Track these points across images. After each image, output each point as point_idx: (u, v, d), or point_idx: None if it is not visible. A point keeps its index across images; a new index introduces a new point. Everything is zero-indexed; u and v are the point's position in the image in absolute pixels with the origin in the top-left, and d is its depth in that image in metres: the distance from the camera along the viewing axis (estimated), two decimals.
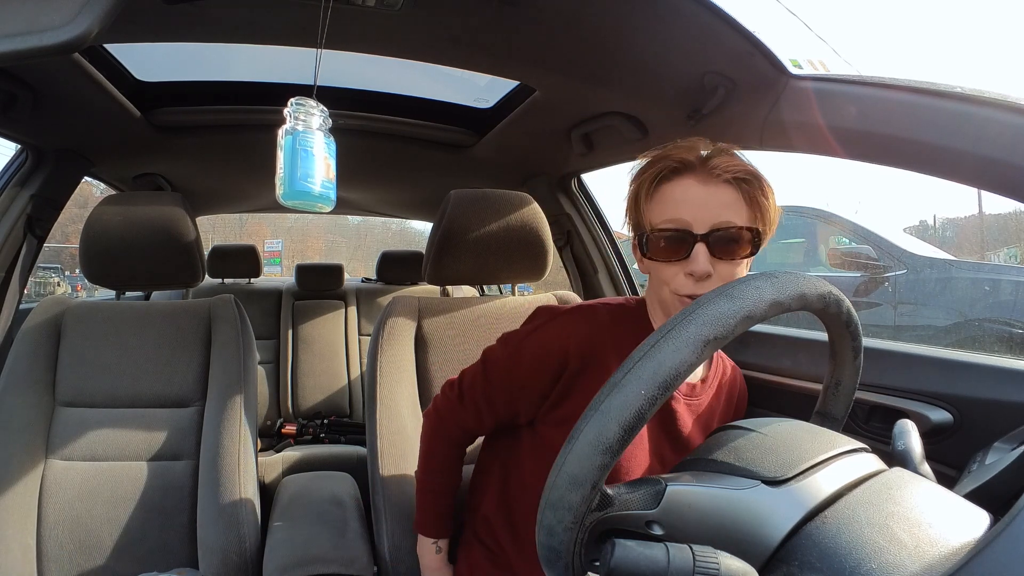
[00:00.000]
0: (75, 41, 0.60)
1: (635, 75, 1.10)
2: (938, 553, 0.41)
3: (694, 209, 0.81)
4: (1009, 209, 9.14)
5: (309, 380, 2.77)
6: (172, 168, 1.97)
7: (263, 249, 4.36)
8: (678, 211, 0.82)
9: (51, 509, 1.16)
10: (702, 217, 0.81)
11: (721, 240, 0.81)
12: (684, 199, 0.82)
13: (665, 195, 0.84)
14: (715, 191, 0.81)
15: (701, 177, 0.82)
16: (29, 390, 1.22)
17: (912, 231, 9.21)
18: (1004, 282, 3.62)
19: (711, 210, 0.81)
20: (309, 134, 0.83)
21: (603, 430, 0.43)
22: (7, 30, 0.59)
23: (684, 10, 0.86)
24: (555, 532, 0.45)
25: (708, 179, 0.81)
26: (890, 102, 0.79)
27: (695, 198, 0.82)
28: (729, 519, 0.46)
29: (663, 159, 0.84)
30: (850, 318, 0.59)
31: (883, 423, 1.05)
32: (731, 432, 0.56)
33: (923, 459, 0.56)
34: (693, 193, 0.82)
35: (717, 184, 0.81)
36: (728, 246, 0.82)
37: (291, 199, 0.83)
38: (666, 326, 0.46)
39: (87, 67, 1.15)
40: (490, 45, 1.07)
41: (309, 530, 1.16)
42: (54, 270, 11.63)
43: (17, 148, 1.51)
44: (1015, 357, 0.93)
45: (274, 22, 1.04)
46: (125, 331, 1.29)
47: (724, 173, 0.81)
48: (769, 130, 1.00)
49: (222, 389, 1.25)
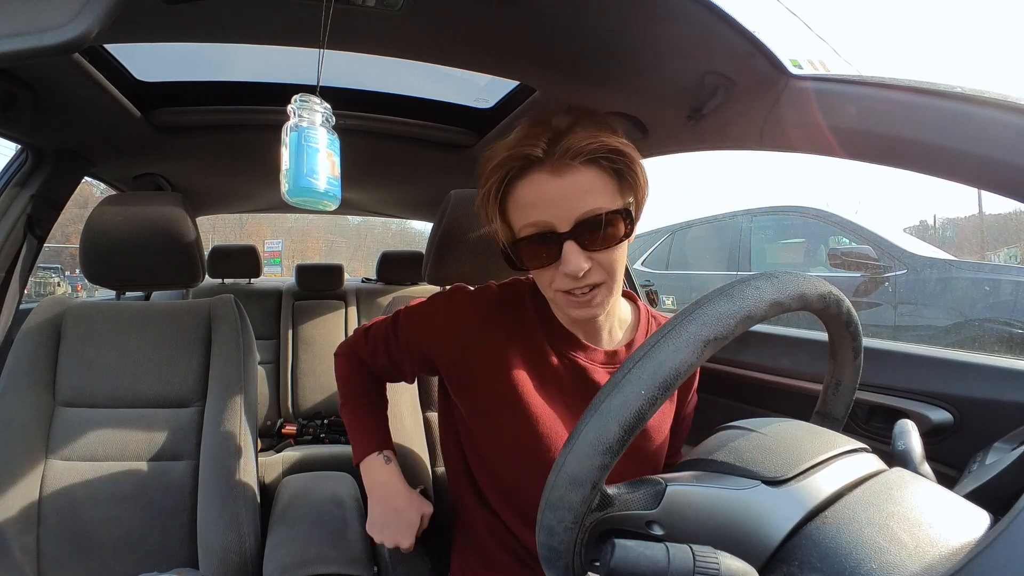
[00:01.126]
0: (75, 41, 0.60)
1: (635, 75, 1.10)
2: (938, 553, 0.41)
3: (552, 207, 0.74)
4: (1009, 209, 9.17)
5: (309, 380, 2.77)
6: (172, 168, 1.97)
7: (263, 249, 4.36)
8: (537, 213, 0.75)
9: (51, 509, 1.16)
10: (564, 213, 0.74)
11: (591, 231, 0.74)
12: (538, 199, 0.75)
13: (518, 197, 0.77)
14: (571, 180, 0.73)
15: (552, 168, 0.74)
16: (29, 390, 1.22)
17: (912, 231, 9.22)
18: (1004, 282, 3.62)
19: (570, 203, 0.73)
20: (314, 130, 0.83)
21: (603, 430, 0.43)
22: (7, 30, 0.59)
23: (684, 10, 0.86)
24: (555, 532, 0.45)
25: (561, 168, 0.73)
26: (890, 102, 0.79)
27: (551, 194, 0.74)
28: (729, 519, 0.46)
29: (505, 161, 0.76)
30: (850, 318, 0.59)
31: (883, 423, 1.05)
32: (731, 432, 0.56)
33: (923, 459, 0.56)
34: (547, 189, 0.74)
35: (572, 170, 0.73)
36: (599, 235, 0.75)
37: (296, 196, 0.82)
38: (667, 326, 0.46)
39: (87, 67, 1.15)
40: (490, 45, 1.07)
41: (309, 530, 1.16)
42: (54, 270, 11.63)
43: (17, 148, 1.51)
44: (1015, 357, 0.94)
45: (274, 22, 1.04)
46: (125, 331, 1.29)
47: (577, 156, 0.72)
48: (769, 130, 1.00)
49: (222, 389, 1.25)
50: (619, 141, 0.75)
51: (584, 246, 0.75)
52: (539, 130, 0.75)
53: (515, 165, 0.76)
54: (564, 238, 0.75)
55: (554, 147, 0.73)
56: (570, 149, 0.72)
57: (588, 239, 0.74)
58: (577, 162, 0.73)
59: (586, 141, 0.72)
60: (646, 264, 6.10)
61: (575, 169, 0.73)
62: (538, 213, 0.75)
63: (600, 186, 0.74)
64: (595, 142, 0.73)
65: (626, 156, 0.75)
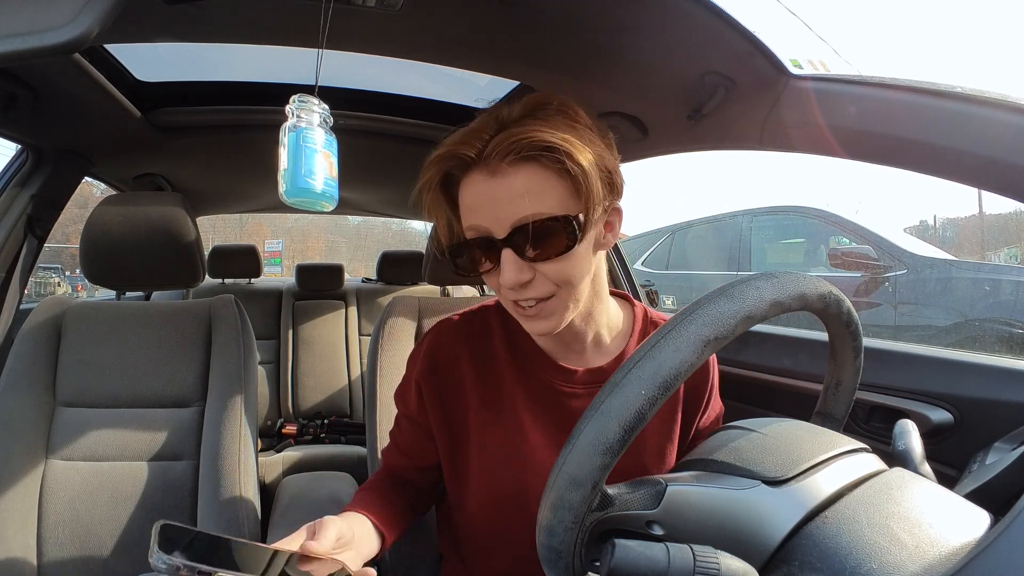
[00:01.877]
0: (75, 41, 0.60)
1: (635, 75, 1.10)
2: (939, 553, 0.41)
3: (487, 211, 0.67)
4: (1009, 209, 9.17)
5: (309, 380, 2.77)
6: (172, 168, 1.97)
7: (263, 249, 4.36)
8: (475, 216, 0.69)
9: (51, 509, 1.16)
10: (499, 217, 0.66)
11: (527, 239, 0.66)
12: (475, 202, 0.68)
13: (461, 200, 0.71)
14: (505, 181, 0.65)
15: (488, 168, 0.66)
16: (29, 390, 1.22)
17: (912, 231, 9.22)
18: (1004, 282, 3.62)
19: (505, 206, 0.66)
20: (311, 131, 0.83)
21: (603, 430, 0.43)
22: (7, 30, 0.59)
23: (684, 10, 0.86)
24: (555, 532, 0.45)
25: (494, 169, 0.65)
26: (891, 102, 0.79)
27: (484, 197, 0.67)
28: (730, 519, 0.46)
29: (439, 158, 0.70)
30: (850, 318, 0.59)
31: (883, 423, 1.05)
32: (732, 432, 0.56)
33: (923, 459, 0.56)
34: (481, 191, 0.67)
35: (505, 171, 0.65)
36: (538, 244, 0.66)
37: (294, 196, 0.82)
38: (667, 326, 0.46)
39: (87, 67, 1.15)
40: (490, 45, 1.07)
41: None
42: (54, 270, 11.64)
43: (17, 148, 1.51)
44: (1015, 357, 0.94)
45: (274, 22, 1.04)
46: (125, 331, 1.29)
47: (507, 156, 0.64)
48: (769, 130, 1.00)
49: (222, 389, 1.25)
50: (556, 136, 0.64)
51: (522, 255, 0.67)
52: (488, 121, 0.68)
53: (449, 164, 0.70)
54: (500, 245, 0.67)
55: (484, 147, 0.66)
56: (498, 147, 0.64)
57: (526, 248, 0.67)
58: (506, 162, 0.64)
59: (521, 138, 0.63)
60: (646, 264, 6.10)
61: (508, 169, 0.65)
62: (477, 217, 0.69)
63: (541, 188, 0.65)
64: (525, 137, 0.63)
65: (564, 152, 0.64)
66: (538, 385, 0.81)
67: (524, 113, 0.67)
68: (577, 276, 0.70)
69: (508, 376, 0.82)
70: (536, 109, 0.68)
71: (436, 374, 0.84)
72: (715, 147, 1.22)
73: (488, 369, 0.83)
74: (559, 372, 0.81)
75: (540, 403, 0.81)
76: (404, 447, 0.91)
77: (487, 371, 0.83)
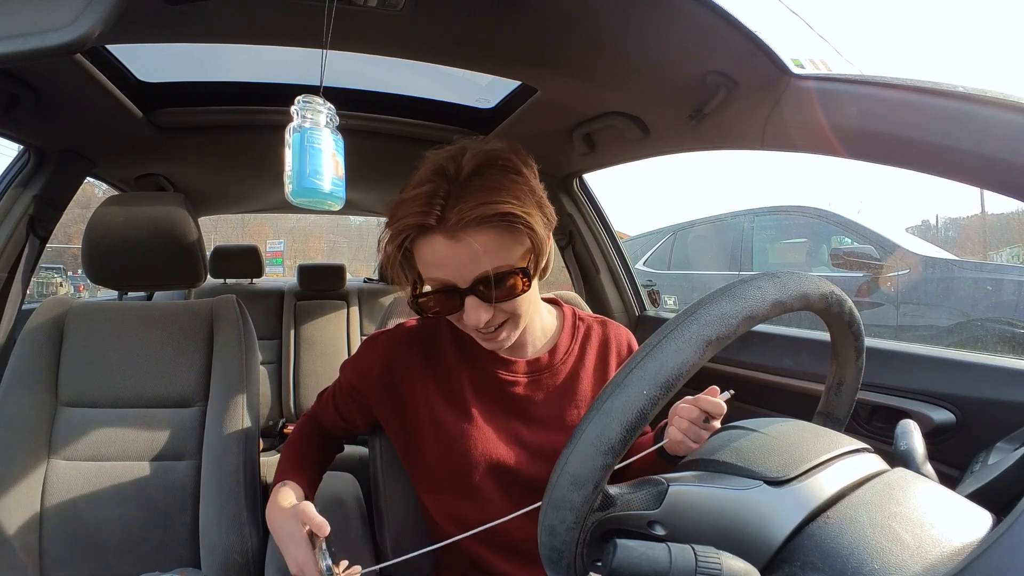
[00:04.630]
0: (77, 42, 0.60)
1: (637, 75, 1.10)
2: (940, 553, 0.41)
3: (450, 268, 0.76)
4: (1011, 209, 9.14)
5: (311, 380, 2.77)
6: (174, 169, 1.98)
7: (265, 249, 4.37)
8: (436, 272, 0.78)
9: (53, 509, 1.16)
10: (461, 273, 0.76)
11: (488, 288, 0.76)
12: (436, 260, 0.76)
13: (420, 256, 0.78)
14: (466, 244, 0.73)
15: (447, 232, 0.73)
16: (31, 390, 1.22)
17: (914, 231, 9.20)
18: (1007, 282, 3.61)
19: (467, 265, 0.75)
20: (317, 131, 0.83)
21: (605, 430, 0.43)
22: (9, 31, 0.59)
23: (686, 10, 0.86)
24: (557, 532, 0.45)
25: (455, 233, 0.73)
26: (892, 102, 0.79)
27: (446, 258, 0.75)
28: (731, 519, 0.46)
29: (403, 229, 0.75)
30: (852, 318, 0.59)
31: (885, 423, 1.05)
32: (733, 432, 0.56)
33: (925, 459, 0.56)
34: (443, 252, 0.75)
35: (466, 235, 0.73)
36: (499, 290, 0.77)
37: (300, 197, 0.83)
38: (668, 325, 0.46)
39: (89, 68, 1.15)
40: (492, 45, 1.07)
41: None
42: (56, 270, 11.66)
43: (20, 149, 1.51)
44: (1017, 357, 0.93)
45: (276, 23, 1.04)
46: (127, 331, 1.30)
47: (470, 224, 0.72)
48: (771, 130, 1.00)
49: (224, 389, 1.25)
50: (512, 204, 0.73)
51: (484, 299, 0.77)
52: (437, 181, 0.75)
53: (412, 233, 0.76)
54: (464, 293, 0.77)
55: (448, 211, 0.73)
56: (463, 219, 0.72)
57: (487, 294, 0.76)
58: (471, 229, 0.72)
59: (478, 207, 0.71)
60: (648, 264, 6.09)
61: (469, 233, 0.73)
62: (438, 271, 0.77)
63: (496, 245, 0.74)
64: (488, 208, 0.72)
65: (519, 218, 0.73)
66: (483, 374, 0.93)
67: (471, 172, 0.74)
68: (527, 306, 0.82)
69: (455, 366, 0.93)
70: (483, 168, 0.75)
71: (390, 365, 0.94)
72: (716, 147, 1.22)
73: (437, 361, 0.94)
74: (501, 362, 0.93)
75: (485, 389, 0.93)
76: (341, 409, 1.02)
77: (436, 362, 0.94)
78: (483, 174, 0.75)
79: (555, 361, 0.94)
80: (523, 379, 0.92)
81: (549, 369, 0.93)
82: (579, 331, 0.98)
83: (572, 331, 0.98)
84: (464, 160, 0.75)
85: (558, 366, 0.94)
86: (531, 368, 0.93)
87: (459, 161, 0.76)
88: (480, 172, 0.75)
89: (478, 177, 0.74)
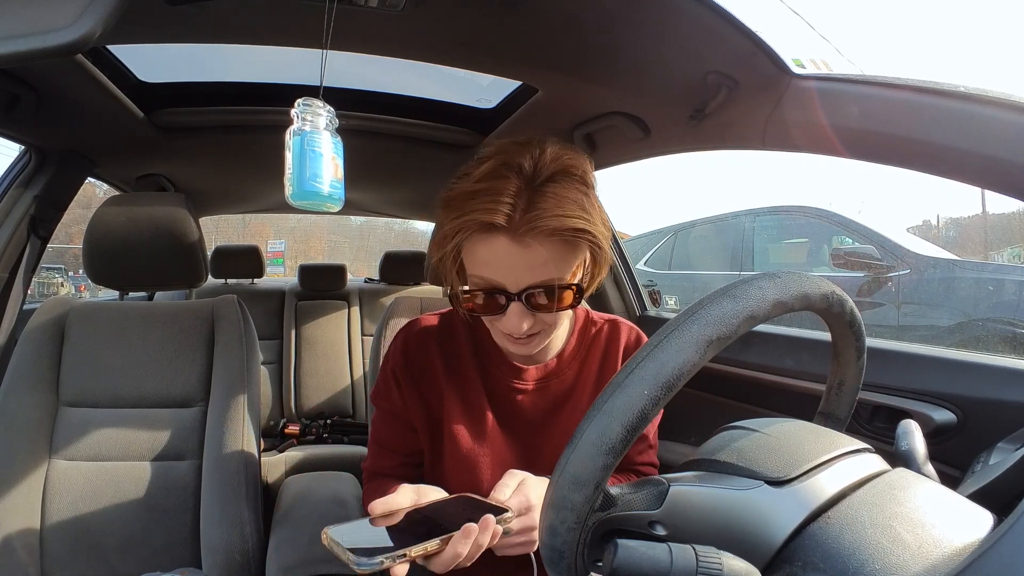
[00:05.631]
0: (78, 42, 0.60)
1: (637, 75, 1.10)
2: (942, 554, 0.41)
3: (506, 271, 0.73)
4: (1013, 209, 9.16)
5: (312, 380, 2.77)
6: (175, 169, 1.98)
7: (266, 250, 4.37)
8: (489, 272, 0.74)
9: (54, 509, 1.16)
10: (515, 278, 0.73)
11: (539, 297, 0.74)
12: (494, 260, 0.73)
13: (474, 252, 0.75)
14: (532, 252, 0.71)
15: (515, 236, 0.70)
16: (33, 390, 1.22)
17: (915, 231, 9.19)
18: (1008, 282, 3.61)
19: (525, 271, 0.72)
20: (316, 134, 0.83)
21: (606, 430, 0.43)
22: (10, 31, 0.59)
23: (686, 10, 0.86)
24: (558, 532, 0.45)
25: (524, 239, 0.70)
26: (893, 101, 0.79)
27: (506, 261, 0.72)
28: (732, 519, 0.46)
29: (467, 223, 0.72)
30: (853, 318, 0.59)
31: (886, 423, 1.05)
32: (734, 432, 0.56)
33: (927, 459, 0.56)
34: (504, 255, 0.72)
35: (532, 243, 0.70)
36: (546, 302, 0.74)
37: (300, 199, 0.83)
38: (669, 326, 0.46)
39: (90, 68, 1.16)
40: (492, 45, 1.07)
41: (312, 530, 1.16)
42: (57, 271, 11.68)
43: (21, 149, 1.51)
44: (1019, 357, 0.93)
45: (277, 23, 1.04)
46: (128, 331, 1.30)
47: (540, 234, 0.70)
48: (772, 130, 1.00)
49: (225, 389, 1.25)
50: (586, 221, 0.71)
51: (529, 307, 0.75)
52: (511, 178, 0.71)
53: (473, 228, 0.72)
54: (511, 298, 0.74)
55: (521, 215, 0.70)
56: (535, 227, 0.69)
57: (535, 303, 0.74)
58: (540, 237, 0.70)
59: (553, 219, 0.69)
60: (648, 264, 6.10)
61: (535, 243, 0.70)
62: (491, 271, 0.74)
63: (559, 258, 0.73)
64: (563, 221, 0.69)
65: (591, 235, 0.72)
66: (495, 381, 0.91)
67: (548, 177, 0.72)
68: (565, 319, 0.83)
69: (472, 371, 0.91)
70: (559, 176, 0.72)
71: (410, 366, 0.91)
72: (717, 147, 1.22)
73: (455, 363, 0.92)
74: (513, 371, 0.91)
75: (496, 397, 0.91)
76: (391, 444, 0.95)
77: (455, 365, 0.92)
78: (559, 182, 0.72)
79: (562, 366, 0.93)
80: (532, 386, 0.91)
81: (557, 375, 0.92)
82: (588, 333, 0.96)
83: (581, 334, 0.95)
84: (543, 161, 0.73)
85: (564, 371, 0.93)
86: (540, 374, 0.92)
87: (537, 161, 0.73)
88: (556, 180, 0.72)
89: (554, 184, 0.72)
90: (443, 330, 0.94)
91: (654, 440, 1.00)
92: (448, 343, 0.93)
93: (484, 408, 0.90)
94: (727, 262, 5.19)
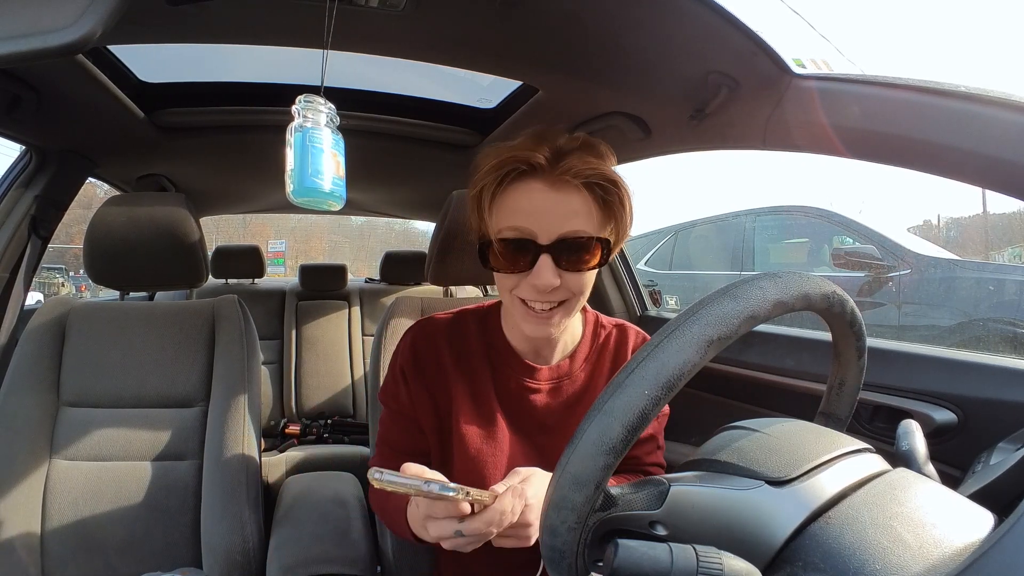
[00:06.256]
0: (79, 42, 0.60)
1: (638, 75, 1.10)
2: (942, 554, 0.40)
3: (540, 218, 0.75)
4: (1013, 208, 9.15)
5: (313, 380, 2.77)
6: (176, 169, 1.98)
7: (267, 250, 4.38)
8: (522, 219, 0.76)
9: (55, 509, 1.16)
10: (548, 226, 0.75)
11: (568, 251, 0.76)
12: (529, 207, 0.75)
13: (508, 201, 0.77)
14: (565, 197, 0.75)
15: (550, 181, 0.74)
16: (33, 390, 1.22)
17: (916, 231, 9.19)
18: (1008, 282, 3.61)
19: (558, 219, 0.75)
20: (318, 131, 0.83)
21: (606, 430, 0.43)
22: (11, 32, 0.59)
23: (687, 9, 0.86)
24: (558, 532, 0.45)
25: (558, 183, 0.74)
26: (894, 101, 0.79)
27: (542, 206, 0.75)
28: (733, 519, 0.46)
29: (508, 161, 0.76)
30: (854, 318, 0.59)
31: (887, 423, 1.05)
32: (735, 432, 0.56)
33: (927, 459, 0.56)
34: (540, 200, 0.75)
35: (567, 189, 0.74)
36: (576, 257, 0.76)
37: (301, 196, 0.83)
38: (670, 326, 0.46)
39: (91, 68, 1.16)
40: (492, 45, 1.07)
41: (312, 530, 1.16)
42: (58, 271, 11.69)
43: (21, 149, 1.51)
44: (1019, 357, 0.93)
45: (277, 23, 1.04)
46: (129, 331, 1.30)
47: (576, 177, 0.74)
48: (772, 129, 1.00)
49: (226, 389, 1.25)
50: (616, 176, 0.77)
51: (558, 263, 0.76)
52: (543, 142, 0.76)
53: (517, 167, 0.75)
54: (541, 250, 0.75)
55: (557, 162, 0.74)
56: (572, 168, 0.73)
57: (564, 258, 0.76)
58: (576, 182, 0.74)
59: (588, 165, 0.74)
60: (649, 264, 6.09)
61: (572, 188, 0.74)
62: (523, 220, 0.76)
63: (588, 211, 0.76)
64: (597, 168, 0.74)
65: (621, 189, 0.77)
66: (507, 380, 0.91)
67: (577, 145, 0.77)
68: (588, 287, 0.81)
69: (483, 369, 0.91)
70: (588, 146, 0.78)
71: (419, 363, 0.91)
72: (718, 147, 1.22)
73: (466, 361, 0.92)
74: (526, 369, 0.91)
75: (507, 396, 0.91)
76: (397, 443, 0.95)
77: (465, 363, 0.92)
78: (589, 148, 0.77)
79: (574, 368, 0.93)
80: (545, 386, 0.91)
81: (569, 377, 0.92)
82: (599, 337, 0.96)
83: (593, 337, 0.96)
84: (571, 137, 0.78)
85: (577, 373, 0.93)
86: (552, 375, 0.91)
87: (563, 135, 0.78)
88: (586, 146, 0.77)
89: (587, 147, 0.77)
90: (454, 328, 0.94)
91: (663, 441, 0.99)
92: (459, 341, 0.93)
93: (494, 407, 0.90)
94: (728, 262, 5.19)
